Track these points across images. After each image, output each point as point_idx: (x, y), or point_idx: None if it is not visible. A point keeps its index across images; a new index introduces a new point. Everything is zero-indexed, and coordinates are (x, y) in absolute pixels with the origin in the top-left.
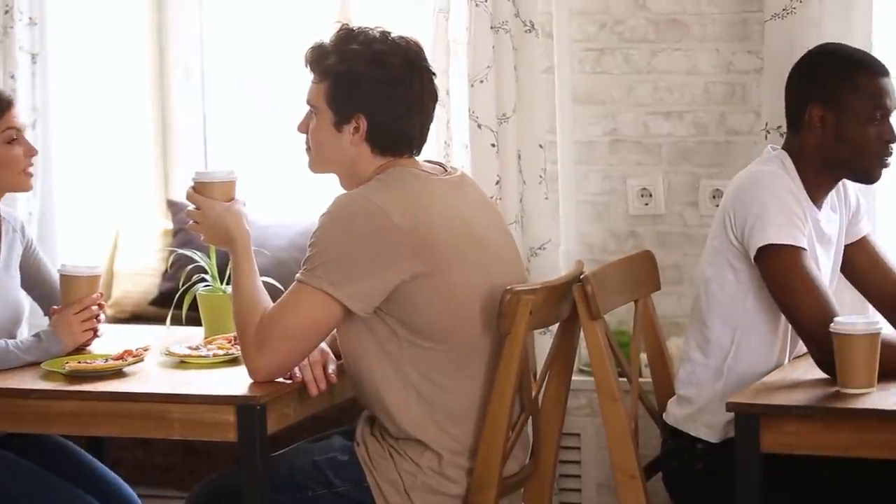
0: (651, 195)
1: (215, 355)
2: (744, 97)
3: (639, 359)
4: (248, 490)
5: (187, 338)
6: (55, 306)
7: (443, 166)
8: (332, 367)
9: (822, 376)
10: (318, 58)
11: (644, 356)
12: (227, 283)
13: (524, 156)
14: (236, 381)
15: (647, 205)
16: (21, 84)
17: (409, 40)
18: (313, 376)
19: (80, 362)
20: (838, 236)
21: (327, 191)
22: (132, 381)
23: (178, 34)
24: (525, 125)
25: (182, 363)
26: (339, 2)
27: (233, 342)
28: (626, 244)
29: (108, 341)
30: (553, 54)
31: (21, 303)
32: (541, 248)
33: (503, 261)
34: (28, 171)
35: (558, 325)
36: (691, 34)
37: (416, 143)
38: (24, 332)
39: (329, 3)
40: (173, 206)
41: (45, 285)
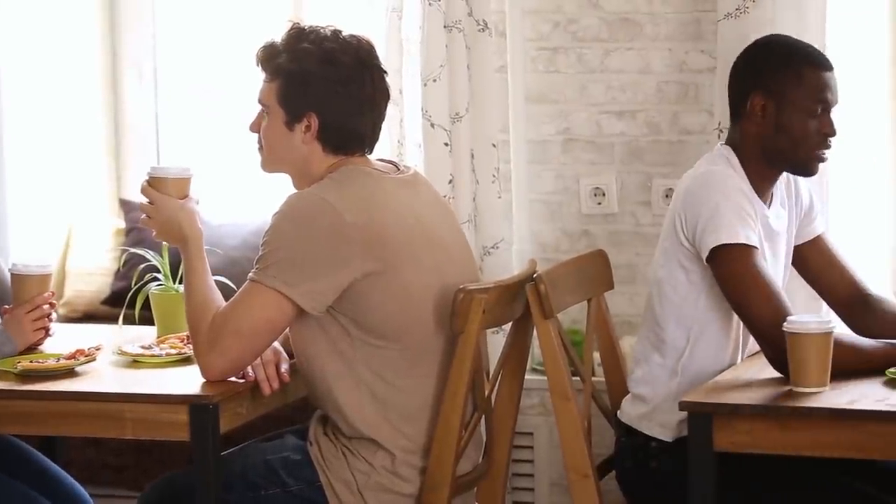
0: (604, 194)
1: (168, 354)
2: (697, 97)
3: (592, 358)
4: (201, 489)
5: (140, 337)
6: (6, 306)
7: (396, 165)
8: (284, 367)
9: (776, 375)
10: (269, 57)
11: (597, 355)
12: (180, 283)
13: (477, 155)
14: (189, 381)
15: (599, 204)
16: None
17: (361, 39)
18: (266, 375)
19: (31, 362)
20: (787, 232)
21: (280, 190)
22: (84, 381)
23: (131, 34)
24: (478, 124)
25: (134, 362)
26: (292, 2)
27: (185, 341)
28: (578, 243)
29: (60, 341)
30: (506, 53)
31: None
32: (494, 248)
33: (456, 260)
34: None
35: (511, 324)
36: (644, 33)
37: (368, 141)
38: None
39: (282, 4)
40: (126, 205)
41: None
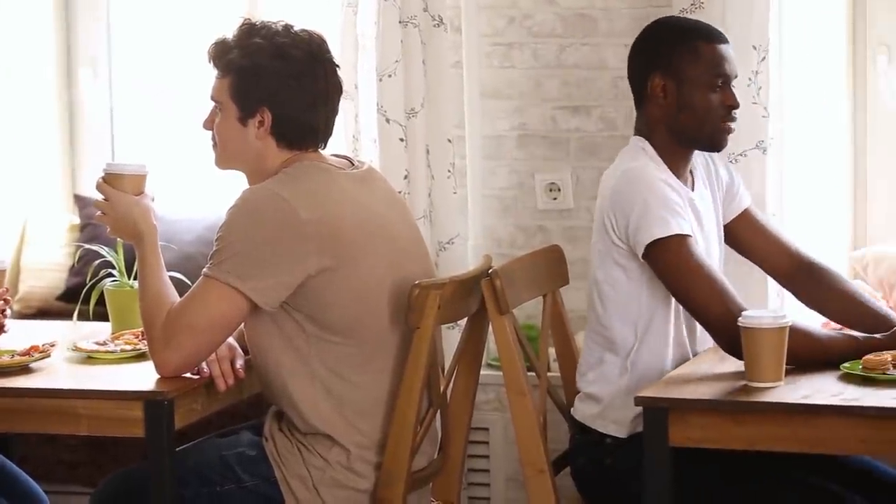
0: (559, 190)
1: (123, 350)
2: None
3: (547, 353)
4: (156, 485)
5: (94, 333)
6: None
7: (350, 160)
8: (239, 363)
9: (731, 370)
10: (221, 53)
11: (552, 350)
12: (135, 279)
13: (433, 150)
14: (143, 377)
15: (555, 199)
16: None
17: (312, 33)
18: (221, 371)
19: None
20: (715, 212)
21: (235, 186)
22: (39, 377)
23: (86, 29)
24: (433, 120)
25: (89, 359)
26: None
27: (140, 337)
28: (534, 239)
29: (15, 337)
30: (461, 49)
31: None
32: (449, 243)
33: (411, 255)
34: None
35: (467, 319)
36: (599, 29)
37: (322, 135)
38: None
39: (237, 0)
40: (81, 200)
41: None
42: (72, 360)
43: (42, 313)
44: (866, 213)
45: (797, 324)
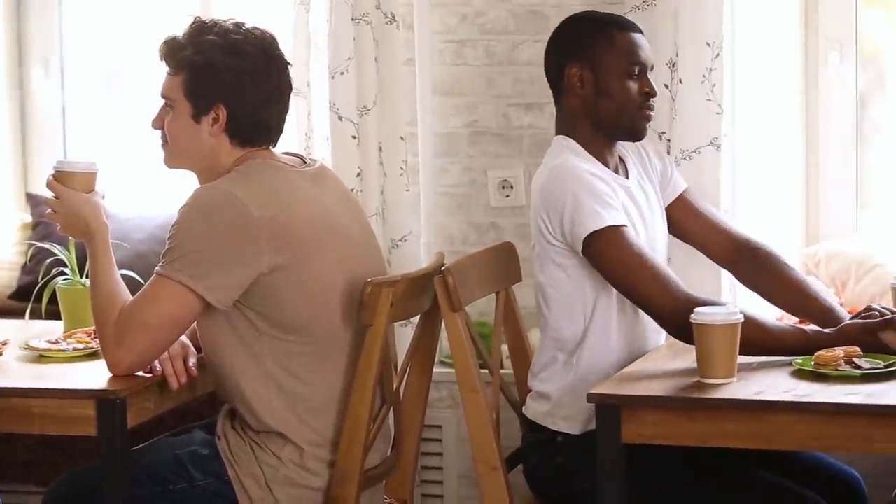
0: (512, 187)
1: (75, 349)
2: None
3: (500, 350)
4: (109, 484)
5: (47, 332)
6: None
7: (302, 158)
8: (192, 361)
9: (684, 367)
10: (173, 51)
11: (505, 348)
12: (87, 277)
13: (385, 148)
14: (96, 375)
15: (507, 196)
16: None
17: (264, 31)
18: (173, 370)
19: None
20: (657, 198)
21: (187, 184)
22: None
23: (38, 26)
24: (386, 117)
25: (41, 357)
26: None
27: (92, 336)
28: (486, 236)
29: None
30: (414, 46)
31: None
32: (402, 240)
33: (364, 253)
34: None
35: (419, 316)
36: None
37: (275, 133)
38: None
39: None
40: (32, 198)
41: None
42: (24, 359)
43: None
44: (819, 210)
45: (749, 313)
